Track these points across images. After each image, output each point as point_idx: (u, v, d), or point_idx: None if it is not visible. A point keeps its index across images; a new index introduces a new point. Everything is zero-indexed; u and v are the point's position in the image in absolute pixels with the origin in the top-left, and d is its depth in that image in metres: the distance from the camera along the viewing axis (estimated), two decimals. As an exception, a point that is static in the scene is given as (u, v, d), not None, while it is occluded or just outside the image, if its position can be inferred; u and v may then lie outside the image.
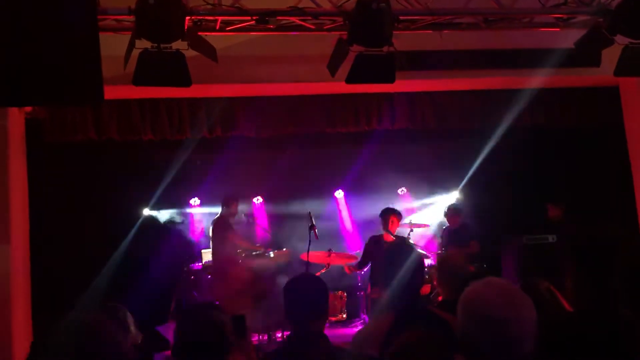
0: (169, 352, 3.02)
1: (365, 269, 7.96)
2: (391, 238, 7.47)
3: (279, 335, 7.73)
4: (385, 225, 7.54)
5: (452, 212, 8.67)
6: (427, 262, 7.69)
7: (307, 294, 3.04)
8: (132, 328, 3.39)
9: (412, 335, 2.19)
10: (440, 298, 4.93)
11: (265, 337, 7.82)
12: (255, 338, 7.84)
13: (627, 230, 7.31)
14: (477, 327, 1.96)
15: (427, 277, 6.78)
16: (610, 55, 5.96)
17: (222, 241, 8.18)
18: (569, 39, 6.01)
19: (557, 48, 6.47)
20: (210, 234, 8.45)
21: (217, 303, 7.33)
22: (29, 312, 6.89)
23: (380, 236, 7.71)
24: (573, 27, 5.77)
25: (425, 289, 7.06)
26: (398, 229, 7.78)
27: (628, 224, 7.50)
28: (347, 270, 8.05)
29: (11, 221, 6.54)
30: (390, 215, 7.57)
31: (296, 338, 3.03)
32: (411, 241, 7.90)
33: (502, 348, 1.92)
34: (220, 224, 8.31)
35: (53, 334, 1.68)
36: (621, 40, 5.60)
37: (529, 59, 6.95)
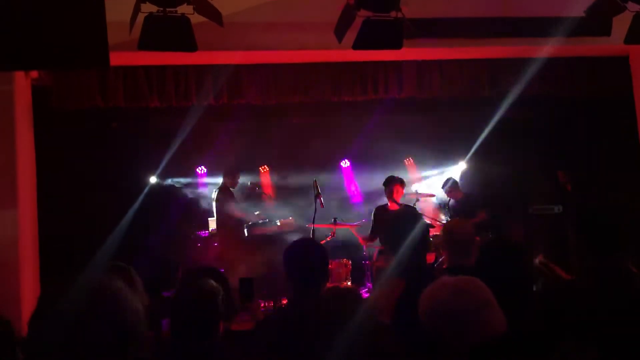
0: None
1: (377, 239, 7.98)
2: (396, 206, 7.47)
3: (285, 302, 7.79)
4: (390, 194, 7.55)
5: (450, 189, 8.71)
6: (432, 231, 7.71)
7: (306, 255, 3.08)
8: (140, 289, 3.35)
9: None
10: (445, 266, 4.95)
11: (271, 304, 7.89)
12: (261, 304, 7.91)
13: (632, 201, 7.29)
14: (434, 322, 2.24)
15: (432, 246, 6.82)
16: (621, 25, 5.89)
17: (224, 210, 8.29)
18: (579, 7, 5.93)
19: (567, 17, 6.40)
20: (214, 202, 8.54)
21: (222, 270, 7.41)
22: (37, 278, 6.95)
23: (386, 205, 7.71)
24: (584, -7, 5.69)
25: (430, 257, 7.09)
26: (404, 197, 7.77)
27: (636, 195, 7.46)
28: (362, 243, 8.04)
29: (18, 187, 6.56)
30: (396, 184, 7.57)
31: (297, 299, 3.06)
32: (418, 209, 7.90)
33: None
34: (222, 193, 8.43)
35: (63, 292, 1.66)
36: (632, 7, 5.52)
37: (538, 27, 6.86)
